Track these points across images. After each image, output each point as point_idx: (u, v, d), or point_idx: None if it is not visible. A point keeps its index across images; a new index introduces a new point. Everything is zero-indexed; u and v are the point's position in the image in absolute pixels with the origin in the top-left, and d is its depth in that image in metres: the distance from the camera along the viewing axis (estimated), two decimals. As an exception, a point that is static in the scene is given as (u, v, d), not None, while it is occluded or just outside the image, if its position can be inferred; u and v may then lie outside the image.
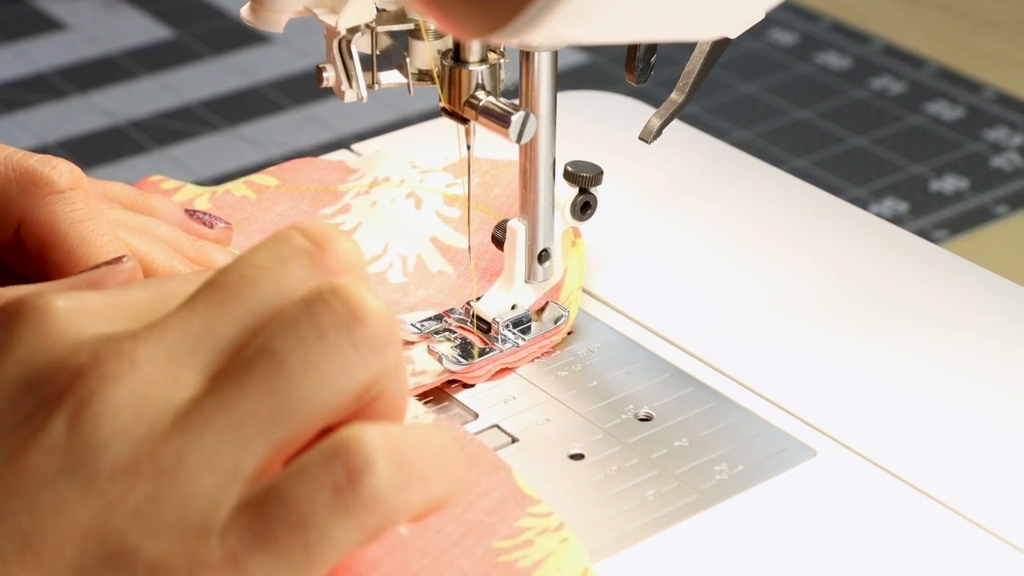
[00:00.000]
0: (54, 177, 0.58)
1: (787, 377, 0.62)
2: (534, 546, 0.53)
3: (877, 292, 0.67)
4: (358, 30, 0.61)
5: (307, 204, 0.70)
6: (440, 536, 0.53)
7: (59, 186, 0.58)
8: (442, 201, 0.70)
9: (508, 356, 0.62)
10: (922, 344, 0.64)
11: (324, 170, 0.72)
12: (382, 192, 0.70)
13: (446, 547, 0.53)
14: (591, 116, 0.79)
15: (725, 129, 1.07)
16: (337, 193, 0.71)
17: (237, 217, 0.69)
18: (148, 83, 1.17)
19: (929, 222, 0.98)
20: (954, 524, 0.55)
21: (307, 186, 0.71)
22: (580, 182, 0.63)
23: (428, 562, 0.52)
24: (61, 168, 0.59)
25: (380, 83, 0.62)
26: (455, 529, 0.53)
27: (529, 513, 0.54)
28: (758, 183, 0.75)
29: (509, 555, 0.53)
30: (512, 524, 0.54)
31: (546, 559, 0.53)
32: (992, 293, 0.67)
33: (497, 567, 0.52)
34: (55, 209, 0.58)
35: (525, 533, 0.54)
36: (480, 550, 0.53)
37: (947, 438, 0.59)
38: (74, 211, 0.58)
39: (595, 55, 1.17)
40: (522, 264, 0.62)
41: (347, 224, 0.69)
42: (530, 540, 0.53)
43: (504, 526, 0.54)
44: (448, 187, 0.70)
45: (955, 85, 1.13)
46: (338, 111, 1.11)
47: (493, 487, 0.55)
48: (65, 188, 0.58)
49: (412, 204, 0.70)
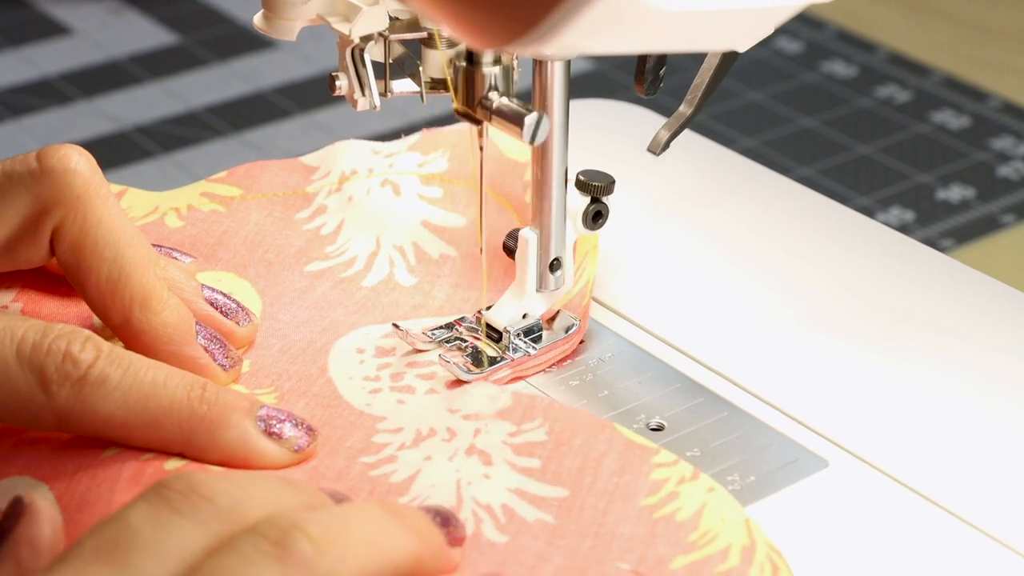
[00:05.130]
0: (73, 374, 0.54)
1: (798, 387, 0.62)
2: (681, 497, 0.53)
3: (885, 301, 0.67)
4: (371, 38, 0.61)
5: (280, 211, 0.69)
6: (586, 512, 0.53)
7: (80, 373, 0.54)
8: (419, 183, 0.69)
9: (520, 364, 0.62)
10: (931, 353, 0.64)
11: (283, 172, 0.71)
12: (354, 186, 0.70)
13: (598, 520, 0.52)
14: (599, 124, 0.79)
15: (731, 137, 1.07)
16: (307, 196, 0.70)
17: (216, 232, 0.68)
18: (153, 88, 1.17)
19: (935, 231, 0.98)
20: (967, 536, 0.55)
21: (274, 192, 0.70)
22: (592, 191, 0.63)
23: (591, 540, 0.52)
24: (83, 357, 0.54)
25: (393, 92, 0.62)
26: (596, 501, 0.53)
27: (656, 464, 0.54)
28: (767, 191, 0.75)
29: (662, 510, 0.53)
30: (647, 479, 0.54)
31: (703, 510, 0.52)
32: (1000, 302, 0.67)
33: (659, 524, 0.52)
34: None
35: (664, 485, 0.53)
36: (632, 512, 0.52)
37: (956, 447, 0.59)
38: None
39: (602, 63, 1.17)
40: (533, 273, 0.62)
41: (329, 225, 0.68)
42: (674, 492, 0.53)
43: (640, 483, 0.54)
44: (420, 167, 0.70)
45: (961, 94, 1.13)
46: (344, 118, 1.10)
47: (607, 447, 0.55)
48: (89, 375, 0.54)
49: (390, 192, 0.69)
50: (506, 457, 0.55)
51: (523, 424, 0.57)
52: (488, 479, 0.55)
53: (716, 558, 0.51)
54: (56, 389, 0.53)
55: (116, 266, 0.57)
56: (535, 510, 0.53)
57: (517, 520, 0.53)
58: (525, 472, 0.55)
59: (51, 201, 0.57)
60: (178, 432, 0.54)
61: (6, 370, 0.53)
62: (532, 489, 0.54)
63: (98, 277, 0.57)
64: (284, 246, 0.68)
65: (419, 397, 0.59)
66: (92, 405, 0.53)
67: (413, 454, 0.56)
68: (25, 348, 0.53)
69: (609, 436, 0.56)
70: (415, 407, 0.59)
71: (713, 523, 0.52)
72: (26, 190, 0.57)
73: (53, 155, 0.57)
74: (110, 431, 0.54)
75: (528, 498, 0.54)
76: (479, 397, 0.58)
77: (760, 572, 0.51)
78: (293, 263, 0.67)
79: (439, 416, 0.58)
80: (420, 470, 0.55)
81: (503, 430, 0.57)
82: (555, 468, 0.55)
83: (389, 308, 0.65)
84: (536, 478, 0.54)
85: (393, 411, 0.59)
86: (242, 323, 0.62)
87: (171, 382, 0.54)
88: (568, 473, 0.55)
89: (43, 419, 0.54)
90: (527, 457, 0.55)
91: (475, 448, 0.56)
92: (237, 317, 0.62)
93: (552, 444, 0.56)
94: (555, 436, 0.56)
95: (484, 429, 0.57)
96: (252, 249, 0.67)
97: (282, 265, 0.67)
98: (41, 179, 0.57)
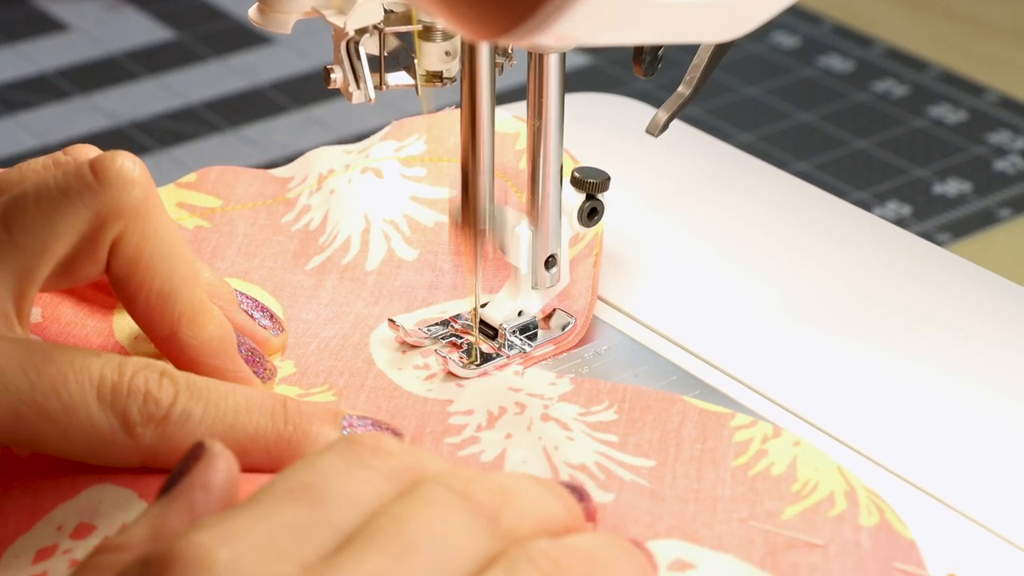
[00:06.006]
0: (156, 414, 0.53)
1: (794, 380, 0.61)
2: (771, 454, 0.53)
3: (882, 295, 0.67)
4: (366, 31, 0.61)
5: (264, 218, 0.69)
6: (679, 481, 0.53)
7: (162, 413, 0.53)
8: (400, 165, 0.69)
9: (515, 360, 0.62)
10: (928, 347, 0.64)
11: (257, 182, 0.70)
12: (334, 180, 0.69)
13: (694, 487, 0.52)
14: (594, 118, 0.79)
15: (728, 132, 1.07)
16: (289, 201, 0.69)
17: (207, 248, 0.67)
18: (150, 84, 1.17)
19: (932, 225, 0.98)
20: (965, 530, 0.55)
21: (254, 202, 0.70)
22: (587, 188, 0.63)
23: (693, 505, 0.52)
24: (163, 396, 0.53)
25: (388, 84, 0.62)
26: (687, 469, 0.53)
27: (735, 427, 0.54)
28: (763, 185, 0.75)
29: (755, 468, 0.53)
30: (730, 442, 0.54)
31: (795, 463, 0.52)
32: (997, 296, 0.67)
33: (756, 481, 0.52)
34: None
35: (750, 445, 0.54)
36: (726, 475, 0.53)
37: (954, 441, 0.59)
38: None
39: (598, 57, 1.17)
40: (529, 270, 0.62)
41: (315, 219, 0.68)
42: (762, 450, 0.53)
43: (725, 447, 0.54)
44: (398, 151, 0.70)
45: (958, 88, 1.13)
46: (340, 112, 1.11)
47: (681, 418, 0.55)
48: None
49: (372, 177, 0.69)
50: (583, 431, 0.55)
51: (591, 407, 0.57)
52: (573, 441, 0.55)
53: (824, 504, 0.51)
54: (140, 431, 0.52)
55: (168, 281, 0.56)
56: (628, 473, 0.53)
57: (615, 478, 0.53)
58: (606, 444, 0.55)
59: (111, 215, 0.55)
60: (266, 457, 0.53)
61: (88, 415, 0.52)
62: (618, 457, 0.54)
63: (149, 291, 0.56)
64: (280, 252, 0.67)
65: (475, 381, 0.60)
66: (179, 443, 0.52)
67: (493, 435, 0.56)
68: (105, 391, 0.52)
69: (682, 408, 0.56)
70: (476, 390, 0.59)
71: (809, 473, 0.52)
72: (84, 206, 0.54)
73: (110, 167, 0.55)
74: None
75: (616, 462, 0.54)
76: (538, 381, 0.59)
77: (868, 513, 0.51)
78: (293, 265, 0.67)
79: (503, 396, 0.58)
80: (505, 449, 0.55)
81: (571, 410, 0.57)
82: (635, 442, 0.55)
83: (406, 295, 0.65)
84: (618, 449, 0.55)
85: (456, 395, 0.59)
86: (276, 332, 0.62)
87: (252, 405, 0.54)
88: (649, 445, 0.55)
89: (128, 459, 0.53)
90: (603, 433, 0.55)
91: (549, 417, 0.56)
92: (271, 326, 0.62)
93: (625, 422, 0.56)
94: (626, 415, 0.56)
95: (552, 406, 0.57)
96: (248, 259, 0.67)
97: (283, 269, 0.66)
98: (99, 193, 0.54)
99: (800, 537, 0.50)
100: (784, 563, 0.49)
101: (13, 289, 0.54)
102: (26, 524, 0.52)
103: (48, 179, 0.55)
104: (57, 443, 0.52)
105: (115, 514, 0.52)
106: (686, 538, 0.51)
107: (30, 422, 0.52)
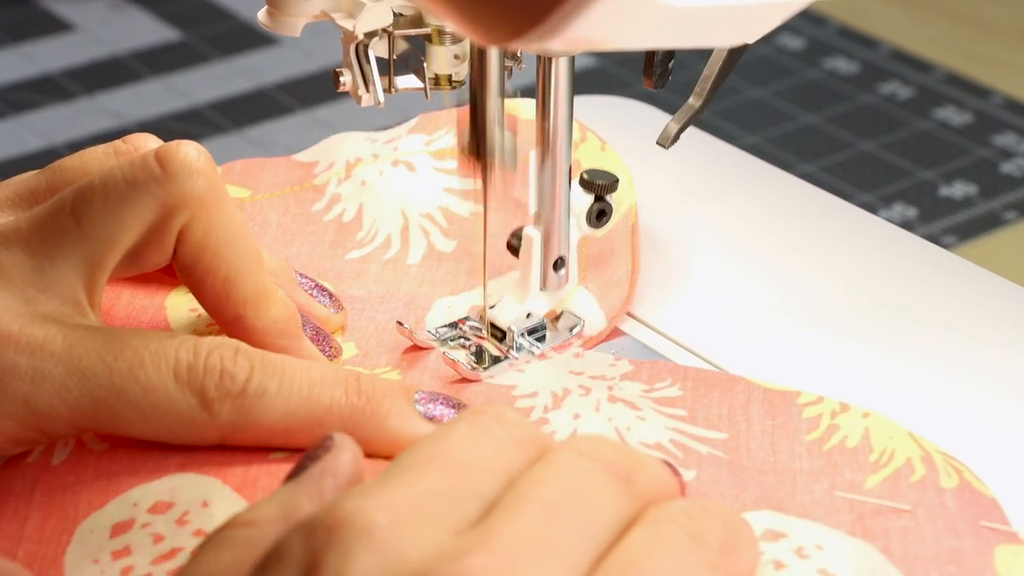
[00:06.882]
0: (232, 389, 0.54)
1: (800, 383, 0.61)
2: (842, 428, 0.53)
3: (888, 297, 0.67)
4: (375, 34, 0.61)
5: (295, 207, 0.69)
6: (757, 455, 0.53)
7: (239, 388, 0.54)
8: (432, 158, 0.69)
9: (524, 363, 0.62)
10: (933, 350, 0.64)
11: (282, 169, 0.71)
12: (364, 171, 0.70)
13: (771, 459, 0.53)
14: (601, 120, 0.79)
15: (733, 134, 1.07)
16: (317, 188, 0.70)
17: None
18: (155, 85, 1.17)
19: (938, 228, 0.98)
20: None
21: (282, 190, 0.70)
22: (596, 190, 0.63)
23: (773, 476, 0.52)
24: (238, 371, 0.54)
25: (397, 87, 0.62)
26: (760, 443, 0.53)
27: (803, 404, 0.55)
28: (769, 188, 0.75)
29: (830, 442, 0.53)
30: (800, 418, 0.54)
31: (868, 434, 0.53)
32: (1002, 299, 0.67)
33: (833, 454, 0.53)
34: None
35: (820, 420, 0.54)
36: (801, 449, 0.53)
37: (959, 443, 0.59)
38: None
39: (604, 59, 1.17)
40: (537, 272, 0.62)
41: (348, 211, 0.68)
42: (833, 425, 0.54)
43: (796, 423, 0.54)
44: (428, 145, 0.70)
45: (963, 91, 1.13)
46: (346, 114, 1.11)
47: (747, 396, 0.56)
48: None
49: (404, 170, 0.69)
50: (651, 407, 0.56)
51: (654, 384, 0.57)
52: (644, 421, 0.55)
53: (904, 471, 0.52)
54: (218, 408, 0.53)
55: (234, 267, 0.57)
56: (704, 446, 0.53)
57: (693, 454, 0.53)
58: (676, 419, 0.55)
59: (178, 205, 0.56)
60: (341, 428, 0.54)
61: (167, 394, 0.53)
62: (690, 431, 0.54)
63: (215, 277, 0.57)
64: (316, 240, 0.68)
65: (534, 364, 0.60)
66: (255, 418, 0.53)
67: (561, 415, 0.57)
68: (181, 370, 0.53)
69: (746, 387, 0.57)
70: (536, 373, 0.59)
71: (884, 442, 0.53)
72: (152, 197, 0.55)
73: (175, 157, 0.55)
74: (274, 439, 0.54)
75: (690, 436, 0.54)
76: (597, 362, 0.59)
77: (947, 476, 0.52)
78: (332, 253, 0.67)
79: (565, 378, 0.59)
80: (575, 430, 0.56)
81: (636, 388, 0.57)
82: (704, 415, 0.55)
83: (449, 282, 0.65)
84: (688, 423, 0.55)
85: (518, 379, 0.59)
86: (335, 310, 0.63)
87: (326, 380, 0.55)
88: (719, 419, 0.55)
89: (206, 436, 0.54)
90: (671, 407, 0.56)
91: (616, 398, 0.56)
92: (330, 304, 0.62)
93: (690, 397, 0.56)
94: (690, 391, 0.57)
95: (616, 386, 0.57)
96: (285, 247, 0.67)
97: (322, 256, 0.67)
98: (166, 184, 0.55)
99: (887, 504, 0.50)
100: (875, 528, 0.50)
101: (84, 278, 0.55)
102: (97, 504, 0.52)
103: (114, 170, 0.55)
104: (136, 425, 0.53)
105: (195, 494, 0.52)
106: (774, 507, 0.51)
107: (109, 406, 0.53)
